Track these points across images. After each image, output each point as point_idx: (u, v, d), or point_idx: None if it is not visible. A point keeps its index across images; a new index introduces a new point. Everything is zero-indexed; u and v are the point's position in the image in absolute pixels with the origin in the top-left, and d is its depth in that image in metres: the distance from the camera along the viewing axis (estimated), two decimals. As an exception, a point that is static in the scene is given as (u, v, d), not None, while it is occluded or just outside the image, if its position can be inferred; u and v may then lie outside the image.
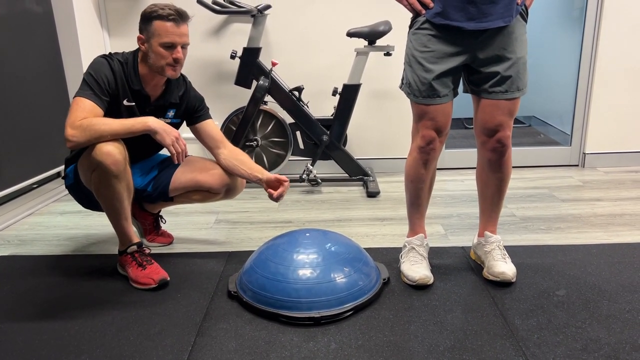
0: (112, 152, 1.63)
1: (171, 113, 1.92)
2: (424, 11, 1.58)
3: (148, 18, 1.72)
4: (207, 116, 1.99)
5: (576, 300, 1.65)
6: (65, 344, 1.47)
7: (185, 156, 1.74)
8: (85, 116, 1.64)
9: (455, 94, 1.68)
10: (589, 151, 3.24)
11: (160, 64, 1.75)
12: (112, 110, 1.77)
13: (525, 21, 1.61)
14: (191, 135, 2.03)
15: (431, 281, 1.75)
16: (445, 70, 1.59)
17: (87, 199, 1.90)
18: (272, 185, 1.91)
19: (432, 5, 1.56)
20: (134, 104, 1.81)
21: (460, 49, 1.58)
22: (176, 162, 1.73)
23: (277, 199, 1.88)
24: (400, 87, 1.72)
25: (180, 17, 1.72)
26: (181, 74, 1.93)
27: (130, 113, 1.81)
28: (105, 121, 1.64)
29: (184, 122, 2.00)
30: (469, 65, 1.64)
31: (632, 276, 1.79)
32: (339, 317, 1.57)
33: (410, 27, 1.65)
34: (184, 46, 1.77)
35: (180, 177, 1.96)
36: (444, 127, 1.67)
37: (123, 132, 1.65)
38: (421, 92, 1.62)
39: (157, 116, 1.90)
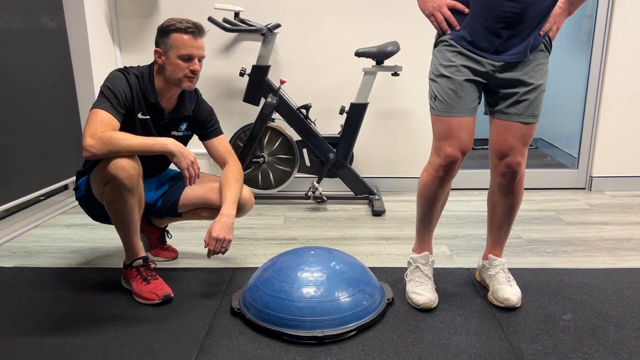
0: (127, 167, 1.64)
1: (184, 126, 1.94)
2: (449, 31, 1.60)
3: (166, 31, 1.75)
4: (218, 132, 2.00)
5: (582, 325, 1.63)
6: (66, 358, 1.47)
7: (198, 177, 1.76)
8: (104, 128, 1.65)
9: (476, 109, 1.66)
10: (596, 174, 3.23)
11: (177, 76, 1.77)
12: (126, 123, 1.78)
13: (549, 52, 1.62)
14: (202, 150, 2.04)
15: (435, 304, 1.74)
16: (469, 79, 1.59)
17: (98, 212, 1.90)
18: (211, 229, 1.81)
19: (458, 27, 1.58)
20: (148, 117, 1.83)
21: (482, 69, 1.59)
22: (187, 185, 1.74)
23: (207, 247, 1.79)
24: (431, 110, 1.69)
25: (197, 30, 1.76)
26: None
27: (144, 126, 1.83)
28: (126, 137, 1.64)
29: (197, 136, 2.02)
30: (488, 86, 1.64)
31: (640, 302, 1.78)
32: (342, 337, 1.56)
33: (435, 45, 1.66)
34: (201, 59, 1.80)
35: (190, 194, 1.97)
36: (467, 147, 1.63)
37: (141, 150, 1.66)
38: (448, 104, 1.60)
39: (170, 129, 1.92)
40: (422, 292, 1.74)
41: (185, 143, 2.02)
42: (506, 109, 1.62)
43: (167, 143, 1.68)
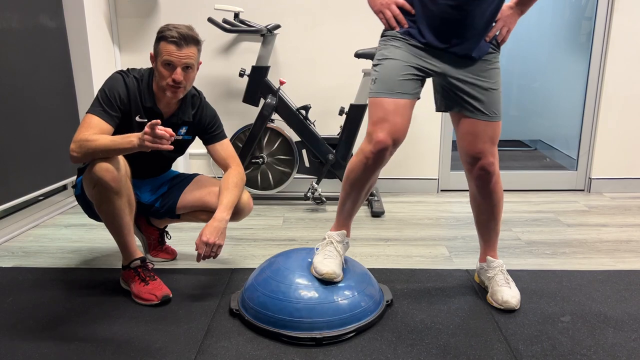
0: (111, 169, 1.64)
1: (183, 130, 1.93)
2: (398, 28, 1.61)
3: (157, 38, 1.74)
4: (221, 137, 1.98)
5: (581, 327, 1.63)
6: (65, 358, 1.47)
7: (170, 135, 1.56)
8: (89, 132, 1.65)
9: (418, 98, 1.64)
10: (595, 176, 3.23)
11: (162, 83, 1.76)
12: (124, 126, 1.78)
13: (498, 51, 1.64)
14: (203, 150, 2.03)
15: (339, 279, 1.64)
16: (412, 66, 1.58)
17: (94, 210, 1.90)
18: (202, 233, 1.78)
19: (406, 25, 1.59)
20: (146, 120, 1.82)
21: (428, 61, 1.59)
22: (167, 146, 1.57)
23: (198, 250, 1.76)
24: (369, 94, 1.64)
25: (183, 40, 1.70)
26: (197, 91, 1.94)
27: (142, 130, 1.82)
28: (97, 137, 1.63)
29: (200, 140, 2.00)
30: (442, 86, 1.65)
31: (639, 304, 1.77)
32: (341, 338, 1.56)
33: (382, 36, 1.66)
34: (186, 69, 1.74)
35: (189, 196, 1.97)
36: (399, 134, 1.58)
37: (112, 148, 1.61)
38: (386, 85, 1.57)
39: None
40: (328, 263, 1.64)
41: (184, 147, 2.01)
42: (466, 104, 1.63)
43: (132, 139, 1.60)
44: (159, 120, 1.54)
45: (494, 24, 1.59)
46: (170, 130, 1.55)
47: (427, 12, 1.54)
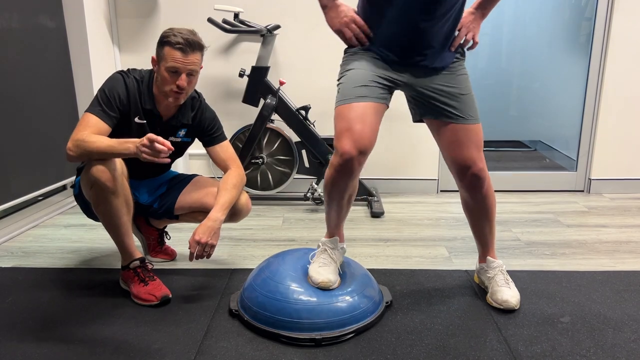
0: (108, 169, 1.64)
1: (182, 132, 1.93)
2: (358, 46, 1.61)
3: (161, 42, 1.73)
4: (221, 138, 1.97)
5: (581, 327, 1.63)
6: (64, 358, 1.47)
7: (167, 149, 1.54)
8: (88, 132, 1.65)
9: (386, 105, 1.61)
10: (594, 177, 3.23)
11: (164, 88, 1.75)
12: (123, 127, 1.78)
13: (464, 57, 1.65)
14: (202, 150, 2.03)
15: (335, 286, 1.64)
16: (380, 73, 1.58)
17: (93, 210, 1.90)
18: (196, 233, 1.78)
19: (367, 43, 1.59)
20: (145, 122, 1.82)
21: (391, 73, 1.59)
22: (166, 159, 1.56)
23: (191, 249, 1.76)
24: (335, 106, 1.65)
25: (189, 46, 1.70)
26: (196, 93, 1.94)
27: (140, 131, 1.82)
28: (96, 139, 1.62)
29: (199, 142, 2.00)
30: (411, 93, 1.65)
31: (638, 305, 1.77)
32: (340, 339, 1.56)
33: (345, 52, 1.66)
34: (190, 74, 1.74)
35: (187, 197, 1.97)
36: (364, 142, 1.52)
37: (109, 152, 1.61)
38: (347, 93, 1.56)
39: (168, 135, 1.90)
40: (323, 272, 1.65)
41: (183, 149, 2.01)
42: (442, 114, 1.62)
43: (130, 145, 1.59)
44: (159, 138, 1.52)
45: (456, 33, 1.59)
46: (168, 143, 1.53)
47: (384, 33, 1.55)
